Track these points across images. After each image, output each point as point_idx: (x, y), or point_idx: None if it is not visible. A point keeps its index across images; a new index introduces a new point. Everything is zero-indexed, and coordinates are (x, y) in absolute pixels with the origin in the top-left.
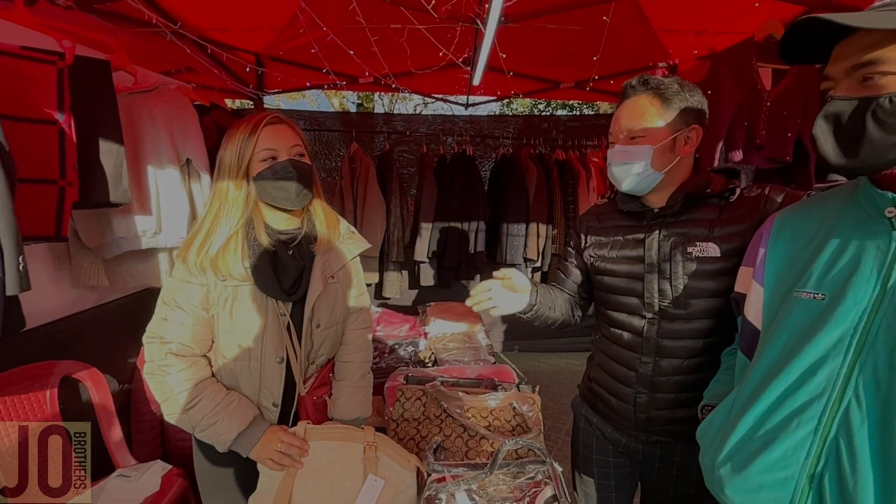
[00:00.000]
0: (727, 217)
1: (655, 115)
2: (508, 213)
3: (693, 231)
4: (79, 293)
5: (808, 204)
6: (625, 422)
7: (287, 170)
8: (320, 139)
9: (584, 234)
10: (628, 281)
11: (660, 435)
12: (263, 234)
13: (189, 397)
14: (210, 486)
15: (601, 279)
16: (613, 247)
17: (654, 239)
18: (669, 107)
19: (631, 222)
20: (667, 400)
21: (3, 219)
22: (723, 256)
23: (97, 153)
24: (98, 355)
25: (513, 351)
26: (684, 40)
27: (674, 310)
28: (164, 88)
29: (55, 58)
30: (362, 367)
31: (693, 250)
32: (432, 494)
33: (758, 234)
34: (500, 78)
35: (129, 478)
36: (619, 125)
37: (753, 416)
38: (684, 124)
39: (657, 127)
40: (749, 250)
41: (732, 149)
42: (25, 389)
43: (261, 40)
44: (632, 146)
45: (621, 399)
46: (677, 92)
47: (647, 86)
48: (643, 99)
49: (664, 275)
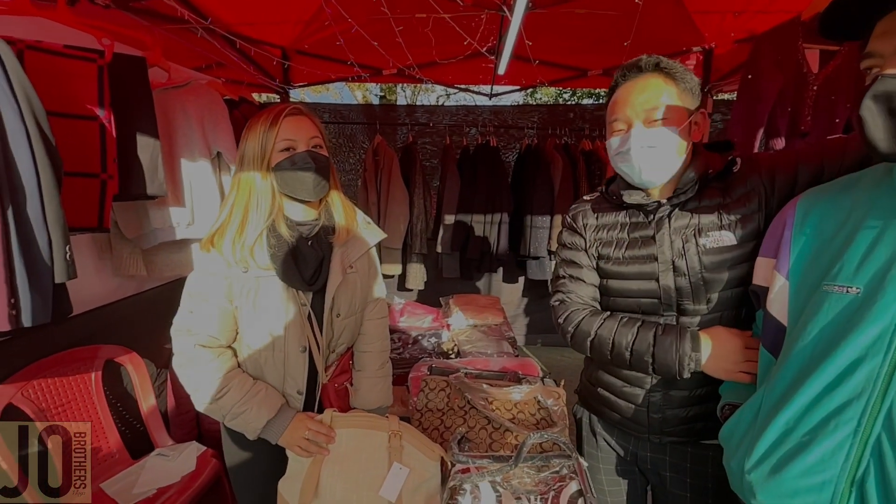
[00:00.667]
0: (732, 200)
1: (673, 96)
2: (533, 205)
3: (703, 220)
4: (119, 282)
5: (833, 189)
6: (634, 425)
7: (305, 160)
8: (344, 132)
9: (584, 233)
10: (640, 282)
11: (673, 435)
12: (283, 225)
13: (218, 387)
14: (239, 470)
15: (607, 283)
16: (619, 246)
17: (664, 234)
18: (680, 87)
19: (635, 218)
20: (681, 397)
21: (51, 211)
22: (739, 244)
23: (135, 147)
24: (137, 341)
25: (535, 345)
26: (721, 22)
27: (694, 306)
28: (196, 84)
29: (95, 55)
30: (381, 357)
31: (707, 242)
32: (457, 484)
33: (777, 222)
34: (525, 67)
35: (168, 457)
36: (632, 107)
37: (786, 417)
38: (695, 108)
39: (677, 108)
40: (768, 239)
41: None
42: (73, 371)
43: (287, 34)
44: (655, 128)
45: (631, 401)
46: (684, 73)
47: (657, 67)
48: (655, 79)
49: (680, 272)
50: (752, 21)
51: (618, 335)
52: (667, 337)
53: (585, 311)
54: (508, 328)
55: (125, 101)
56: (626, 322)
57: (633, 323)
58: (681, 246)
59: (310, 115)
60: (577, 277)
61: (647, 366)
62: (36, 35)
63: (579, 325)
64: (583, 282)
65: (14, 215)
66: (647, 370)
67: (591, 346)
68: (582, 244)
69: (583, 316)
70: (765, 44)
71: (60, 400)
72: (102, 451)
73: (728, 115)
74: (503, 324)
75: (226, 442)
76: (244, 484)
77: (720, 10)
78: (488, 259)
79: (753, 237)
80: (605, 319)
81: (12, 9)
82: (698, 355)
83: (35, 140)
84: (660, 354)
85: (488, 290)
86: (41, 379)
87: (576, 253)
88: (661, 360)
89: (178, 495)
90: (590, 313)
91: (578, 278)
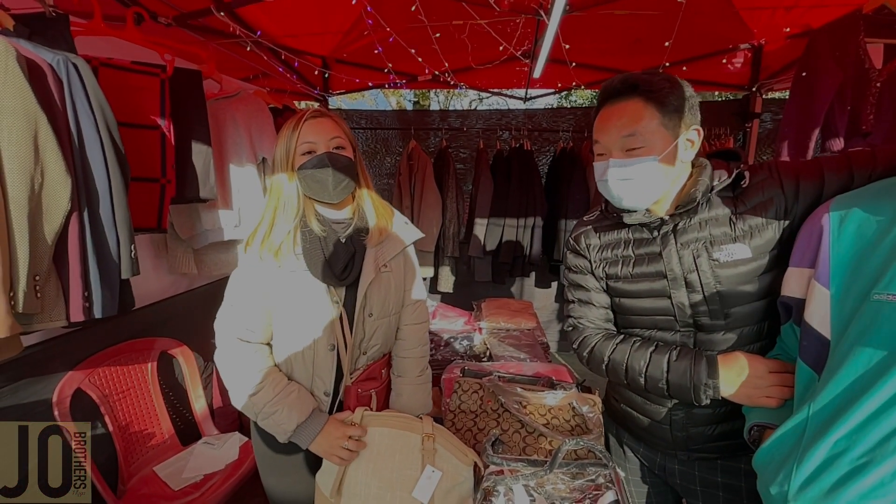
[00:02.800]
0: (746, 210)
1: (654, 121)
2: (568, 209)
3: (714, 232)
4: (173, 279)
5: (868, 194)
6: (660, 441)
7: (323, 162)
8: (378, 137)
9: (588, 255)
10: (652, 300)
11: (702, 452)
12: (315, 221)
13: (254, 383)
14: (268, 468)
15: (618, 301)
16: (626, 264)
17: (671, 250)
18: (665, 108)
19: (639, 234)
20: (705, 415)
21: (120, 212)
22: (754, 256)
23: (190, 154)
24: (187, 334)
25: (568, 352)
26: (771, 17)
27: (712, 321)
28: (245, 93)
29: (158, 70)
30: (420, 363)
31: (720, 255)
32: (490, 486)
33: (810, 229)
34: (560, 69)
35: (213, 445)
36: (609, 135)
37: (836, 437)
38: (685, 126)
39: (658, 133)
40: (800, 248)
41: (831, 136)
42: (132, 361)
43: (327, 44)
44: (630, 159)
45: (653, 418)
46: (669, 89)
47: (635, 90)
48: (634, 103)
49: (693, 287)
50: (807, 15)
51: (631, 360)
52: (681, 362)
53: (598, 336)
54: (542, 333)
55: (182, 111)
56: (639, 346)
57: (647, 347)
58: (691, 261)
59: (332, 116)
60: (586, 301)
61: (663, 391)
62: (108, 52)
63: (593, 351)
64: (592, 305)
65: (89, 217)
66: (663, 395)
67: (606, 371)
68: (587, 266)
69: (596, 341)
70: (822, 39)
71: (121, 387)
72: (156, 436)
73: (779, 115)
74: (536, 328)
75: (255, 441)
76: (271, 481)
77: (770, 5)
78: (520, 263)
79: (771, 248)
80: (619, 344)
81: (88, 30)
82: (715, 382)
83: (108, 148)
84: (674, 380)
85: (520, 294)
86: (105, 367)
87: (582, 276)
88: (676, 387)
89: (223, 482)
90: (603, 337)
91: (587, 301)
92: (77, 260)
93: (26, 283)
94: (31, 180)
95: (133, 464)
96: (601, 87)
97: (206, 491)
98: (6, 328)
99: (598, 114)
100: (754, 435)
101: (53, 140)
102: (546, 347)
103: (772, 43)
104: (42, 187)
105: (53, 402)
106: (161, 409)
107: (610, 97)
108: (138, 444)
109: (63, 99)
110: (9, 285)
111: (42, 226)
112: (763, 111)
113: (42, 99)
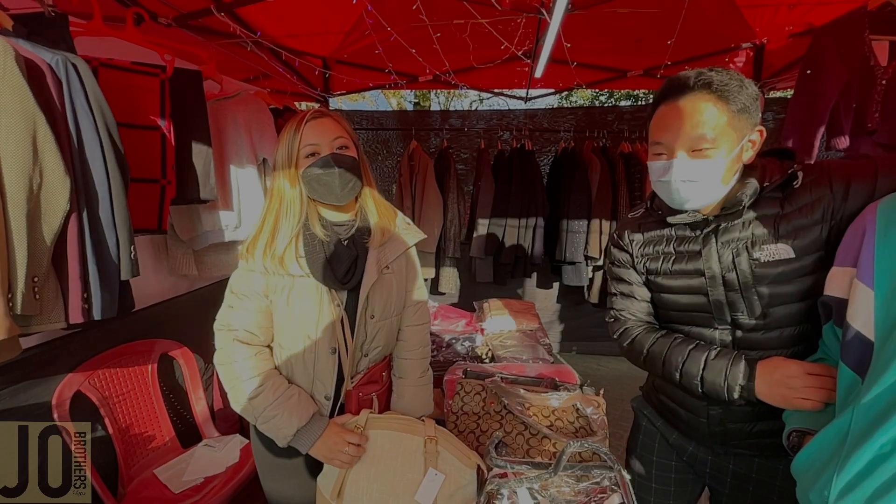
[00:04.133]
0: (792, 210)
1: (723, 121)
2: (569, 209)
3: (756, 232)
4: (174, 280)
5: None
6: (696, 433)
7: (328, 164)
8: (379, 138)
9: (630, 249)
10: (689, 297)
11: (741, 448)
12: (318, 225)
13: (253, 386)
14: (268, 472)
15: (658, 297)
16: (666, 260)
17: (711, 249)
18: (734, 108)
19: (681, 231)
20: (744, 412)
21: (119, 213)
22: (797, 256)
23: (190, 155)
24: (188, 336)
25: (570, 352)
26: (774, 15)
27: (749, 320)
28: (245, 94)
29: (158, 70)
30: (422, 364)
31: (760, 255)
32: (494, 489)
33: (856, 228)
34: (561, 69)
35: (214, 448)
36: (676, 134)
37: (881, 442)
38: (751, 127)
39: (727, 134)
40: (845, 248)
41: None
42: (132, 363)
43: (328, 45)
44: (700, 160)
45: (692, 411)
46: (738, 88)
47: (709, 87)
48: (704, 100)
49: (731, 287)
50: (810, 14)
51: (670, 353)
52: (719, 361)
53: (640, 328)
54: (544, 334)
55: (183, 111)
56: (680, 342)
57: (688, 344)
58: (730, 260)
59: (333, 116)
60: (628, 294)
61: (696, 388)
62: (108, 53)
63: (633, 342)
64: (634, 298)
65: (88, 218)
66: (696, 392)
67: (644, 362)
68: (629, 260)
69: (637, 333)
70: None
71: (121, 389)
72: (156, 439)
73: (781, 114)
74: (538, 329)
75: (255, 443)
76: (270, 485)
77: (773, 2)
78: (522, 264)
79: (815, 249)
80: (660, 337)
81: (88, 30)
82: (751, 384)
83: (107, 149)
84: (709, 378)
85: (522, 295)
86: (105, 369)
87: (624, 270)
88: (710, 384)
89: (224, 484)
90: (645, 330)
91: (629, 295)
92: (76, 261)
93: (25, 284)
94: (30, 181)
95: (133, 466)
96: (665, 82)
97: (207, 494)
98: (4, 330)
99: (659, 110)
100: (793, 440)
101: (52, 140)
102: (549, 348)
103: (774, 42)
104: (41, 188)
105: (53, 404)
106: (161, 411)
107: (676, 93)
108: (138, 447)
109: (62, 99)
110: (7, 287)
111: (41, 226)
112: (765, 110)
113: (41, 99)
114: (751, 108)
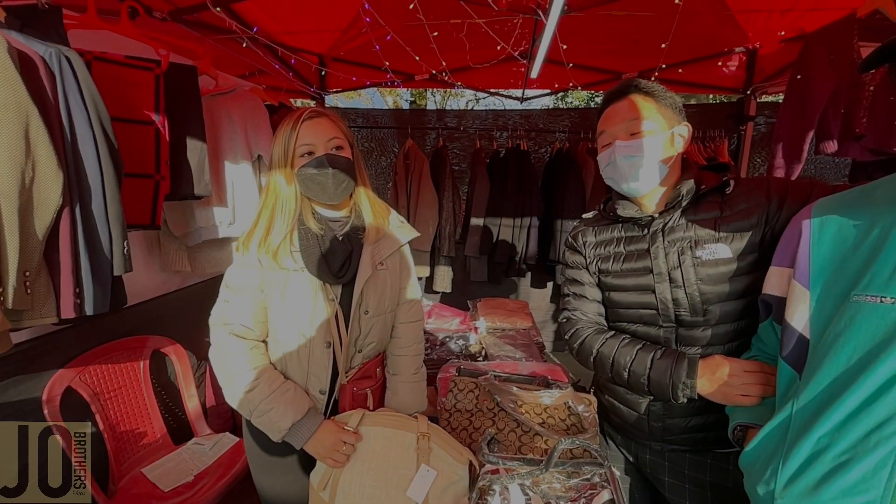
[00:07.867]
0: (730, 213)
1: (653, 108)
2: (563, 209)
3: (699, 233)
4: (166, 276)
5: (848, 198)
6: (637, 432)
7: (322, 164)
8: (375, 136)
9: (584, 251)
10: (639, 294)
11: (675, 444)
12: (312, 220)
13: (249, 380)
14: (261, 468)
15: (609, 295)
16: (616, 259)
17: (658, 247)
18: (661, 103)
19: (631, 232)
20: (682, 408)
21: (112, 208)
22: (735, 257)
23: (184, 150)
24: (180, 333)
25: (563, 351)
26: (767, 21)
27: (691, 317)
28: (240, 90)
29: (153, 65)
30: (416, 361)
31: (702, 254)
32: (486, 485)
33: (792, 230)
34: (557, 70)
35: (205, 445)
36: (615, 123)
37: (818, 434)
38: (678, 121)
39: (656, 119)
40: (782, 248)
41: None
42: (124, 359)
43: (324, 41)
44: (637, 140)
45: (633, 408)
46: (663, 91)
47: (639, 88)
48: (636, 97)
49: (676, 283)
50: (802, 19)
51: (618, 355)
52: (663, 361)
53: (590, 329)
54: (537, 333)
55: (177, 107)
56: (627, 343)
57: (634, 344)
58: (676, 258)
59: (329, 115)
60: (581, 295)
61: (643, 387)
62: (102, 46)
63: (583, 343)
64: (586, 299)
65: (81, 212)
66: (643, 391)
67: (593, 363)
68: (583, 262)
69: (587, 334)
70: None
71: (112, 385)
72: (148, 436)
73: (773, 118)
74: (531, 328)
75: (247, 440)
76: (262, 480)
77: (766, 8)
78: (516, 263)
79: (751, 251)
80: (608, 339)
81: (82, 23)
82: (693, 382)
83: (101, 143)
84: (655, 377)
85: (516, 294)
86: (96, 365)
87: (578, 272)
88: (656, 384)
89: (215, 482)
90: (594, 331)
91: (582, 296)
92: (68, 256)
93: (16, 278)
94: (22, 174)
95: (124, 463)
96: (607, 92)
97: (198, 491)
98: None
99: (602, 113)
100: (738, 435)
101: (45, 134)
102: (542, 347)
103: (766, 46)
104: (33, 181)
105: (43, 400)
106: (153, 408)
107: (612, 98)
108: (130, 444)
109: (55, 92)
110: None
111: (33, 220)
112: (757, 114)
113: (34, 92)
114: (675, 107)
